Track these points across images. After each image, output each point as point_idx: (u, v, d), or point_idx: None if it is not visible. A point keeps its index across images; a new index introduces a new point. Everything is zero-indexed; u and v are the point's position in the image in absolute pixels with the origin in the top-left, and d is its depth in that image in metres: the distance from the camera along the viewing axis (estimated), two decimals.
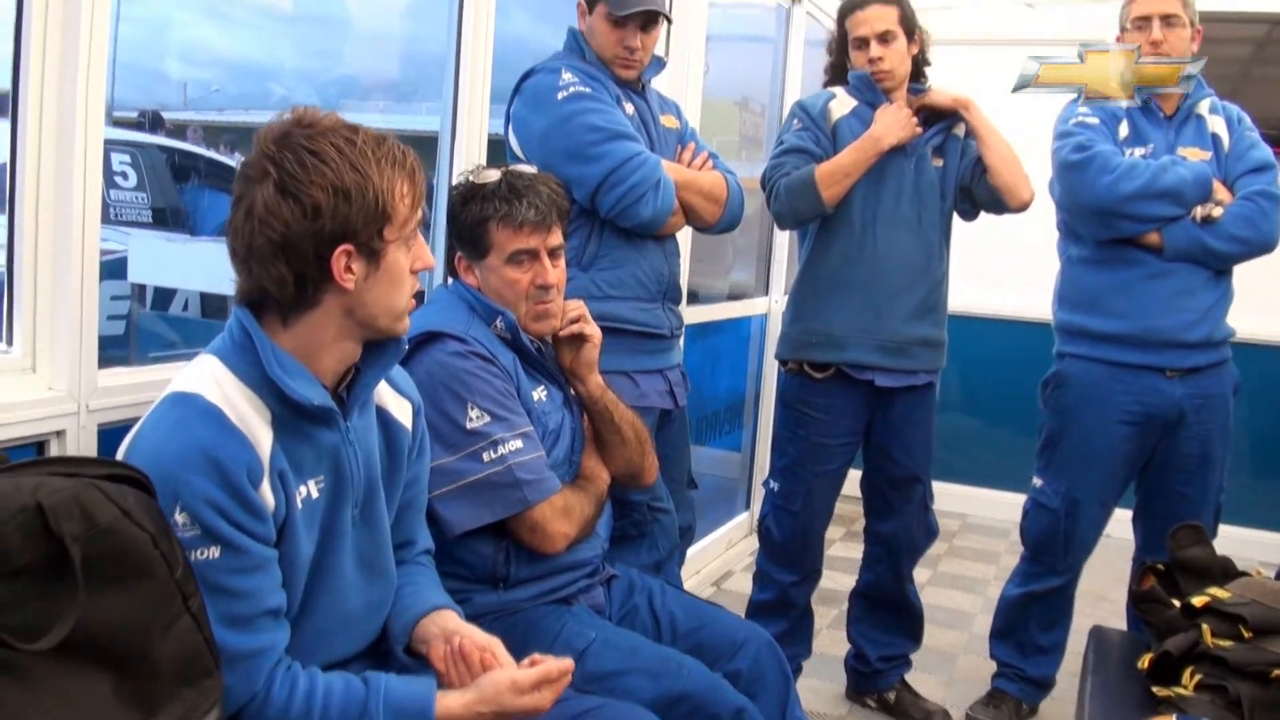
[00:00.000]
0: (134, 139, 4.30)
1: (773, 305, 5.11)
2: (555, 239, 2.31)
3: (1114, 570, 4.00)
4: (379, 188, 1.59)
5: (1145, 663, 2.37)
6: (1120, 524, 3.41)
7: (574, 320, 2.38)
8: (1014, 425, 5.07)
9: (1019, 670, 3.42)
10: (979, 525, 5.65)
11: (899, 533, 3.35)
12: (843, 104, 3.19)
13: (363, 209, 1.58)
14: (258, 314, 1.63)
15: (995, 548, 5.27)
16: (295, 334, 1.64)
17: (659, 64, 3.03)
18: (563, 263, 2.36)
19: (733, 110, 5.26)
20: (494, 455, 2.13)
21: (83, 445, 1.85)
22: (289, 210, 1.55)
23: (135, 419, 1.61)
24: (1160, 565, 2.64)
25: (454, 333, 2.21)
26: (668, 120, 3.00)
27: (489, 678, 1.68)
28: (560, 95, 2.73)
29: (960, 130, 3.22)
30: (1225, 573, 2.52)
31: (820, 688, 3.64)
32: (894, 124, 3.06)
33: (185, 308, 3.69)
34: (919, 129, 3.12)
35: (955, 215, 3.30)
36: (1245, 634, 2.24)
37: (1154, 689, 2.30)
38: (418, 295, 1.78)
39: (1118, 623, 3.33)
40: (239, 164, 1.63)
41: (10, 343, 1.83)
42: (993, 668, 3.50)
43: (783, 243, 5.11)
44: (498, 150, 2.96)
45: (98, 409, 1.87)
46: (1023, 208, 3.16)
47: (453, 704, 1.65)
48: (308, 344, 1.65)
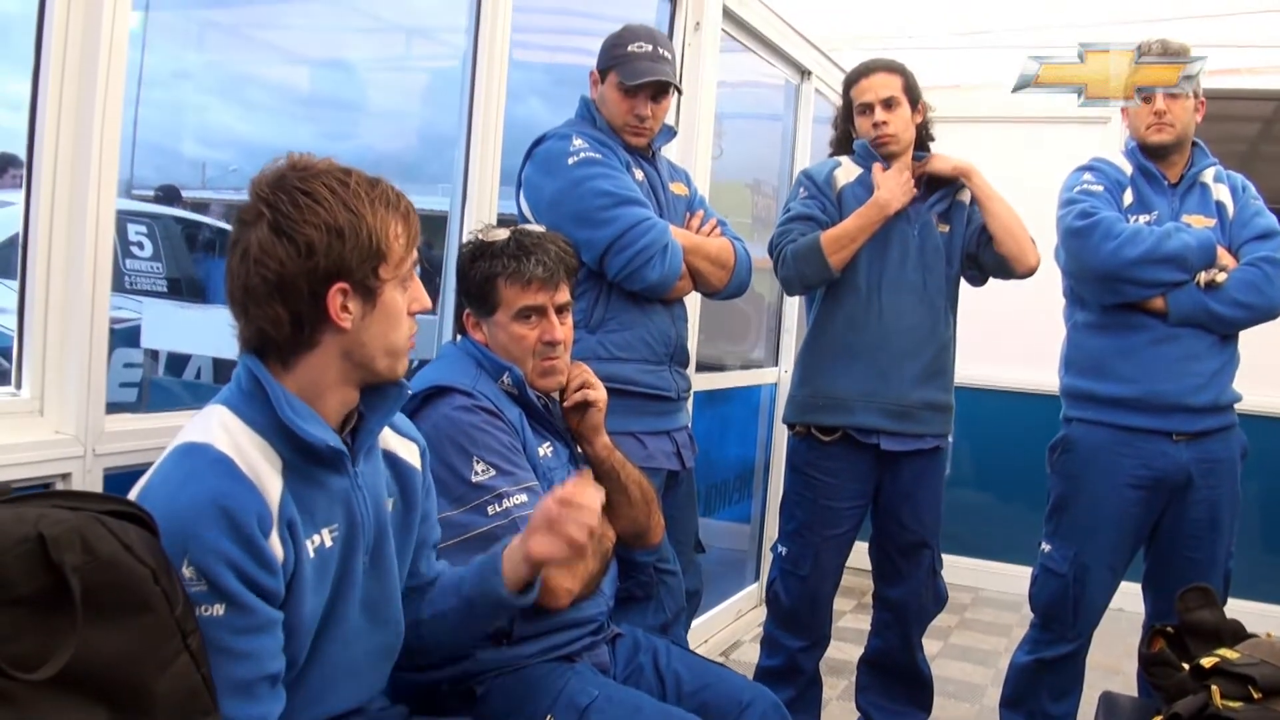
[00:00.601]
0: (150, 210, 4.35)
1: (782, 375, 5.11)
2: (563, 296, 2.33)
3: (1125, 643, 3.97)
4: (373, 226, 1.60)
5: None
6: (1131, 598, 3.38)
7: (578, 388, 2.40)
8: (1025, 498, 5.02)
9: None
10: (991, 598, 5.59)
11: (908, 599, 3.34)
12: (848, 172, 3.24)
13: (357, 247, 1.59)
14: (263, 360, 1.64)
15: (1007, 621, 5.22)
16: (297, 377, 1.64)
17: (669, 132, 3.07)
18: (570, 320, 2.38)
19: (744, 193, 5.31)
20: (499, 509, 2.13)
21: (88, 489, 1.86)
22: (283, 249, 1.56)
23: (142, 464, 1.62)
24: (1169, 628, 2.61)
25: (461, 387, 2.22)
26: (677, 187, 3.04)
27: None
28: (571, 160, 2.77)
29: (966, 196, 3.25)
30: (1235, 635, 2.50)
31: None
32: (896, 189, 3.10)
33: (198, 375, 3.72)
34: (914, 190, 3.15)
35: (964, 281, 3.33)
36: (1255, 695, 2.22)
37: None
38: (421, 361, 1.79)
39: (1130, 694, 3.29)
40: (235, 213, 1.65)
41: (19, 386, 1.85)
42: None
43: (791, 312, 5.14)
44: (504, 224, 3.00)
45: (104, 453, 1.88)
46: (1029, 273, 3.21)
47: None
48: (311, 387, 1.65)
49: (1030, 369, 5.20)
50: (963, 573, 5.35)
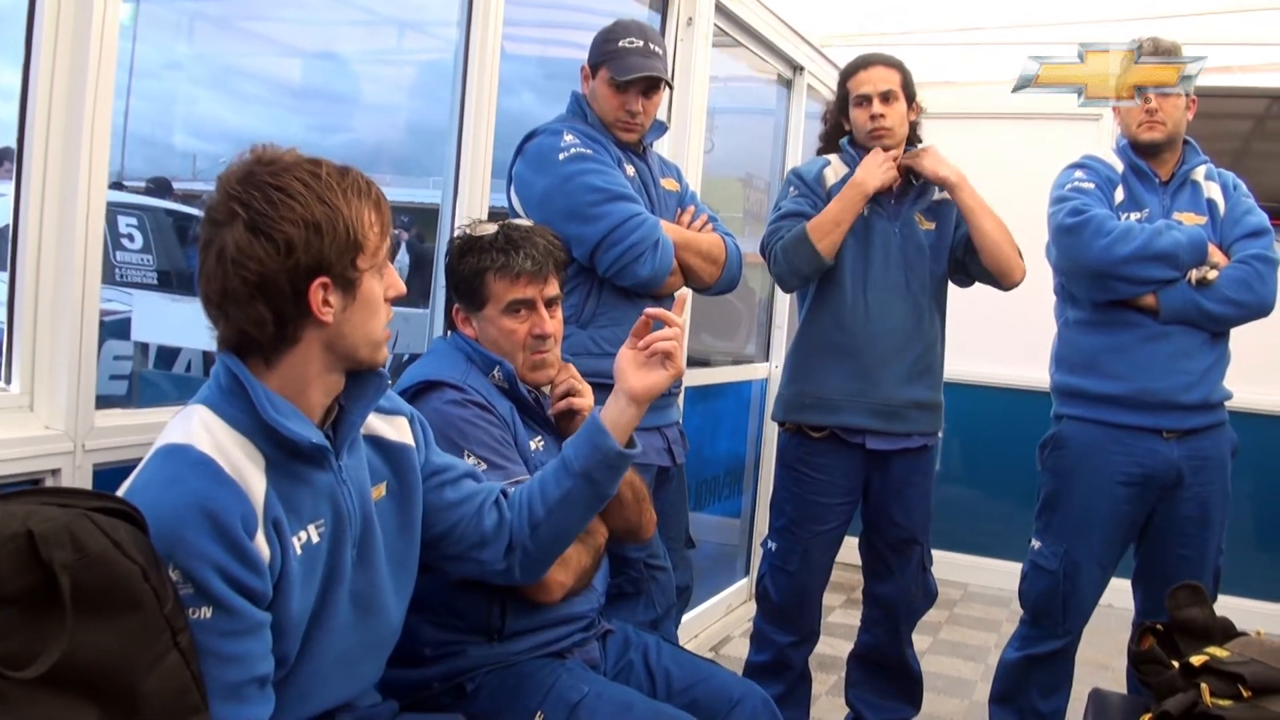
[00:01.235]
0: (141, 202, 4.32)
1: (773, 370, 5.12)
2: (552, 289, 2.33)
3: (1115, 640, 3.96)
4: (348, 218, 1.59)
5: None
6: (1121, 594, 3.39)
7: (562, 396, 2.39)
8: (1015, 494, 5.04)
9: None
10: (980, 594, 5.61)
11: (897, 594, 3.34)
12: (836, 171, 3.25)
13: (335, 240, 1.58)
14: (243, 359, 1.62)
15: (996, 616, 5.23)
16: (280, 374, 1.63)
17: (660, 128, 3.07)
18: (560, 313, 2.37)
19: (736, 187, 5.31)
20: None
21: (78, 485, 1.85)
22: (262, 249, 1.54)
23: (132, 460, 1.61)
24: (1159, 626, 2.62)
25: (452, 381, 2.22)
26: (668, 183, 3.04)
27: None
28: (561, 156, 2.76)
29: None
30: (1225, 633, 2.51)
31: None
32: (874, 168, 3.12)
33: (189, 368, 3.70)
34: (894, 171, 3.16)
35: (951, 282, 3.34)
36: (1245, 693, 2.22)
37: None
38: (411, 356, 1.78)
39: (1119, 691, 3.30)
40: (203, 210, 1.62)
41: (9, 381, 1.85)
42: None
43: (782, 308, 5.14)
44: (493, 219, 3.00)
45: (94, 449, 1.88)
46: (1013, 287, 3.24)
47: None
48: (294, 382, 1.64)
49: (1021, 365, 5.21)
50: (952, 568, 5.36)
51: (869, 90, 3.19)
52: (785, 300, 5.08)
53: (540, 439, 2.34)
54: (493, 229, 2.34)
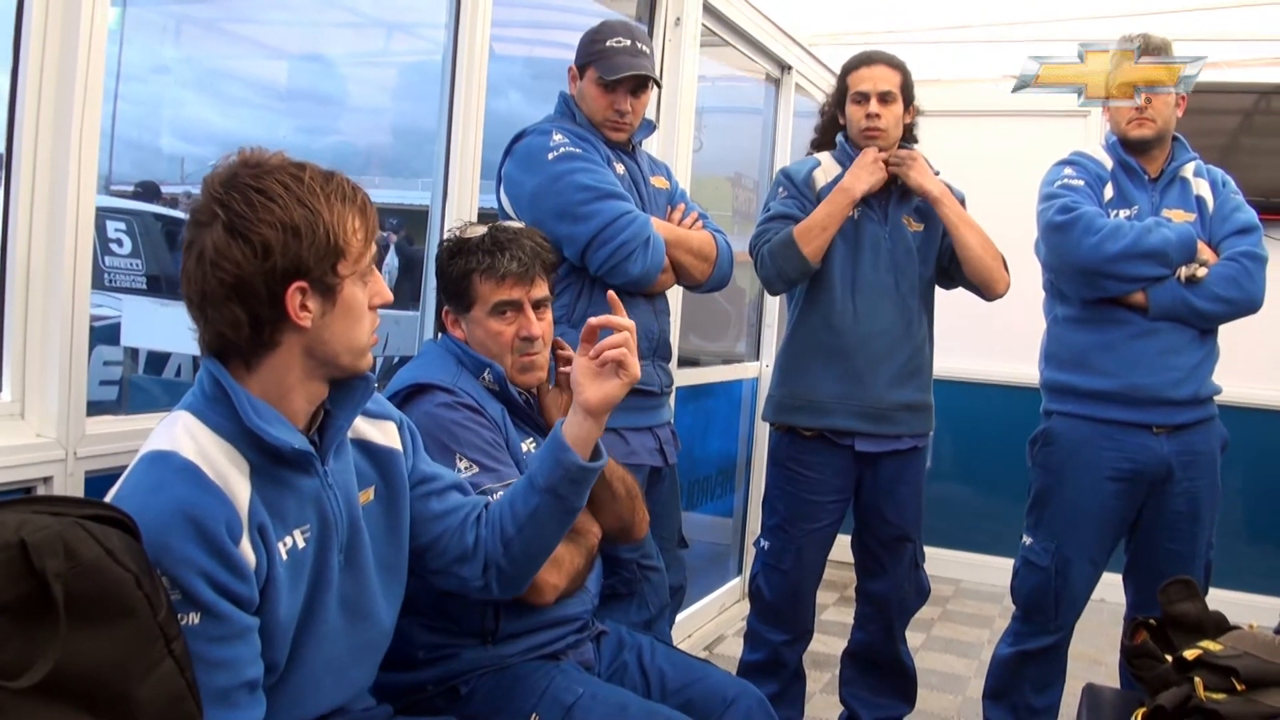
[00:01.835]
0: (129, 207, 4.32)
1: (764, 369, 5.12)
2: (540, 291, 2.32)
3: (1107, 634, 3.98)
4: (329, 223, 1.58)
5: (1138, 718, 2.34)
6: (1113, 588, 3.39)
7: (569, 360, 2.37)
8: (1007, 490, 5.04)
9: None
10: (972, 590, 5.61)
11: (890, 592, 3.35)
12: (827, 172, 3.24)
13: (314, 244, 1.57)
14: (224, 363, 1.62)
15: (989, 612, 5.24)
16: (261, 378, 1.62)
17: (649, 126, 3.07)
18: (549, 315, 2.37)
19: (725, 186, 5.31)
20: None
21: (70, 492, 1.85)
22: (239, 251, 1.53)
23: (123, 467, 1.60)
24: (1152, 620, 2.62)
25: (442, 384, 2.21)
26: (658, 181, 3.04)
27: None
28: (551, 156, 2.76)
29: None
30: (1217, 627, 2.51)
31: None
32: (861, 171, 3.11)
33: (178, 373, 3.70)
34: (884, 174, 3.15)
35: (937, 283, 3.35)
36: (1238, 686, 2.23)
37: None
38: (402, 358, 1.77)
39: (1113, 685, 3.30)
40: (190, 210, 1.62)
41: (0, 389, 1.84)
42: None
43: (773, 307, 5.14)
44: (484, 222, 3.00)
45: (85, 456, 1.87)
46: (996, 298, 3.26)
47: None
48: (275, 387, 1.63)
49: (1011, 362, 5.22)
50: (945, 565, 5.37)
51: (867, 89, 3.18)
52: (775, 299, 5.08)
53: (532, 440, 2.33)
54: (482, 231, 2.34)
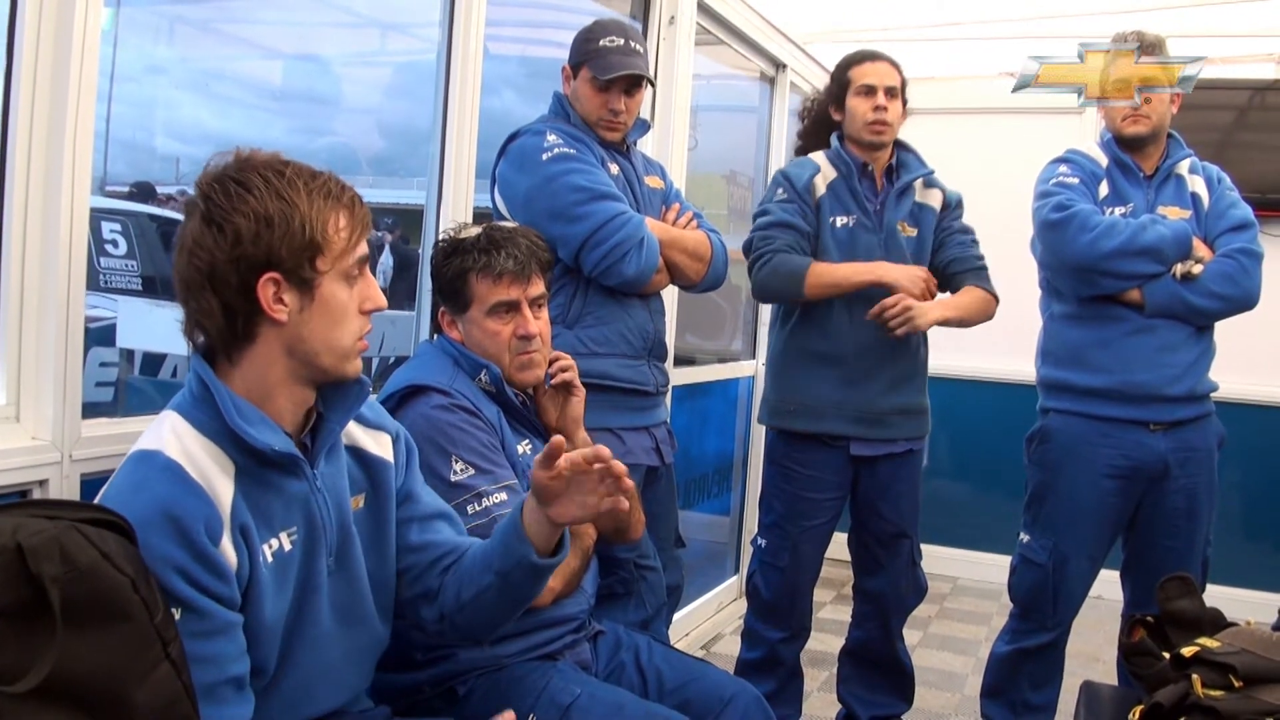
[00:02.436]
0: (124, 208, 4.31)
1: (759, 368, 5.11)
2: (536, 289, 2.32)
3: (1105, 631, 3.99)
4: (306, 215, 1.58)
5: (1136, 715, 2.34)
6: (1111, 585, 3.39)
7: (563, 369, 2.39)
8: (1004, 488, 5.05)
9: None
10: (970, 588, 5.62)
11: (887, 589, 3.35)
12: (825, 177, 3.23)
13: (287, 236, 1.57)
14: (211, 362, 1.63)
15: (986, 609, 5.25)
16: (244, 374, 1.62)
17: (643, 126, 3.07)
18: (546, 313, 2.37)
19: (720, 184, 5.31)
20: (478, 508, 2.13)
21: (66, 495, 1.85)
22: (212, 239, 1.55)
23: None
24: (1149, 618, 2.62)
25: (438, 386, 2.21)
26: (652, 181, 3.03)
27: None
28: (545, 156, 2.76)
29: (934, 200, 3.27)
30: (1215, 624, 2.51)
31: None
32: (906, 280, 3.12)
33: (174, 374, 3.69)
34: (930, 295, 3.18)
35: None
36: (1236, 683, 2.22)
37: None
38: (398, 359, 1.76)
39: (1110, 683, 3.30)
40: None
41: None
42: None
43: (767, 305, 5.13)
44: (479, 222, 2.99)
45: (81, 458, 1.87)
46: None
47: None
48: (259, 385, 1.63)
49: (1007, 359, 5.21)
50: (942, 562, 5.39)
51: (875, 82, 3.18)
52: None
53: (528, 442, 2.33)
54: (477, 231, 2.34)
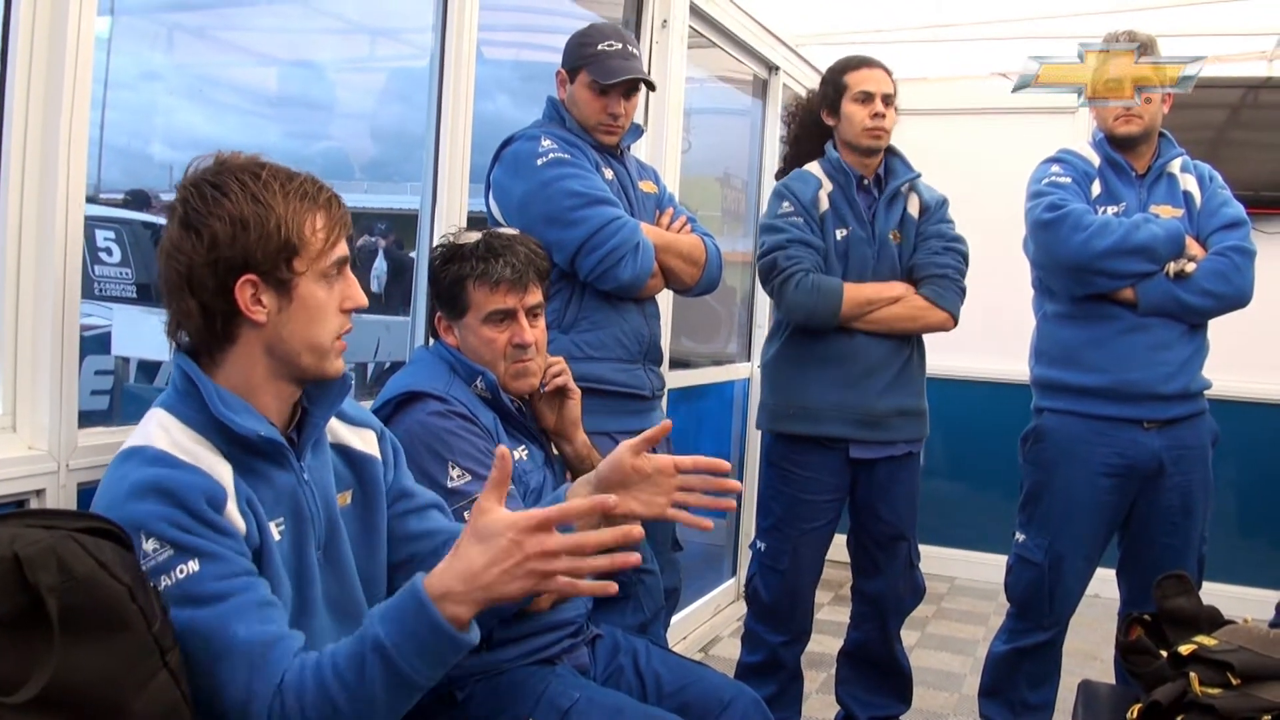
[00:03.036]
0: (118, 215, 4.32)
1: (755, 370, 5.11)
2: (533, 298, 2.32)
3: (1102, 630, 3.98)
4: (282, 217, 1.60)
5: (1134, 713, 2.35)
6: (1108, 583, 3.40)
7: (556, 375, 2.40)
8: (1000, 487, 5.05)
9: None
10: (967, 587, 5.63)
11: (886, 591, 3.35)
12: (826, 191, 3.23)
13: (263, 238, 1.59)
14: (196, 362, 1.65)
15: (984, 609, 5.25)
16: (228, 373, 1.65)
17: (637, 130, 3.07)
18: (542, 322, 2.37)
19: (714, 186, 5.31)
20: None
21: (62, 504, 1.84)
22: (190, 242, 1.58)
23: None
24: (1146, 616, 2.62)
25: (434, 392, 2.21)
26: (646, 185, 3.04)
27: (484, 522, 1.47)
28: (539, 161, 2.76)
29: (914, 207, 3.27)
30: (1212, 621, 2.51)
31: None
32: None
33: (169, 381, 3.69)
34: None
35: None
36: (1234, 681, 2.22)
37: None
38: (394, 364, 1.76)
39: (1108, 681, 3.31)
40: None
41: None
42: None
43: (763, 307, 5.14)
44: (477, 227, 2.99)
45: (77, 468, 1.87)
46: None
47: (441, 571, 1.47)
48: (243, 383, 1.65)
49: (1001, 359, 5.22)
50: (939, 562, 5.38)
51: (873, 89, 3.18)
52: (765, 300, 5.07)
53: (524, 448, 2.33)
54: (476, 237, 2.33)
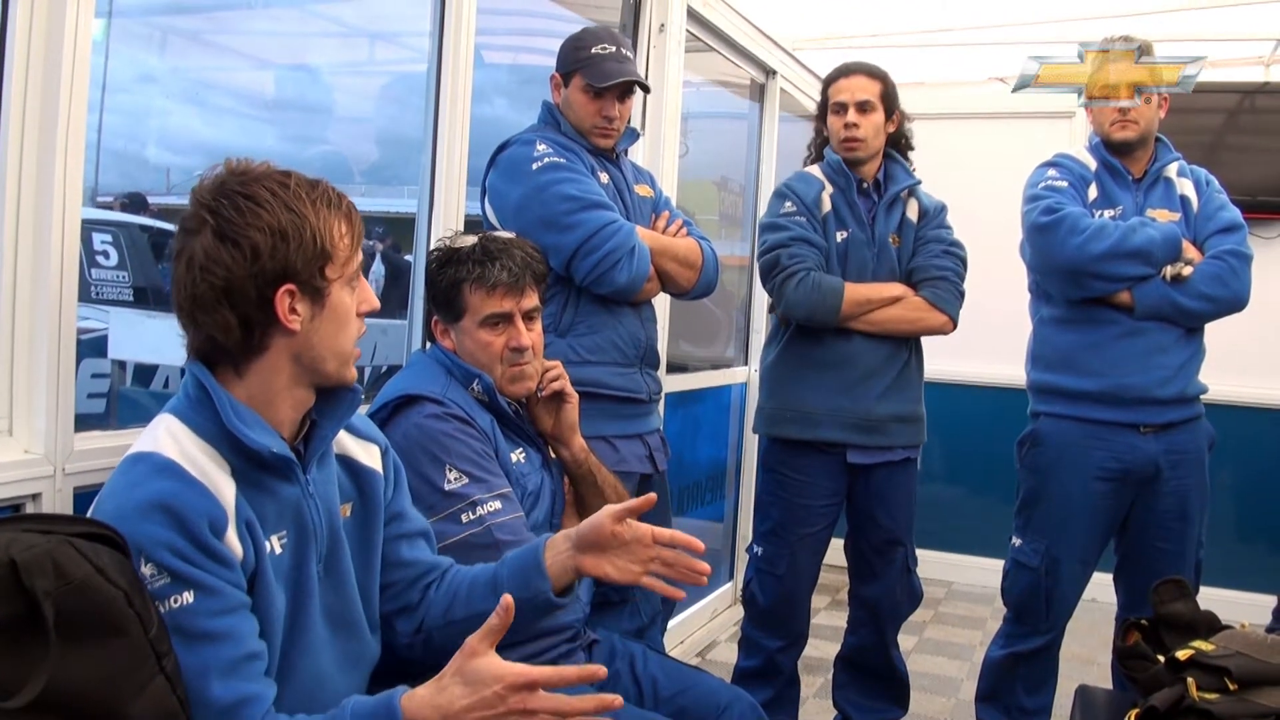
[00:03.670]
0: (115, 219, 4.31)
1: (752, 374, 5.12)
2: (530, 302, 2.32)
3: (1100, 634, 3.98)
4: (316, 227, 1.61)
5: (1131, 719, 2.34)
6: (1105, 588, 3.39)
7: (553, 379, 2.39)
8: (997, 492, 5.05)
9: None
10: (964, 592, 5.63)
11: (883, 596, 3.35)
12: (828, 192, 3.23)
13: (301, 248, 1.59)
14: (211, 368, 1.64)
15: (980, 614, 5.25)
16: (249, 383, 1.64)
17: (633, 135, 3.07)
18: (539, 325, 2.37)
19: (711, 190, 5.31)
20: (473, 516, 2.12)
21: (59, 508, 1.84)
22: (229, 255, 1.56)
23: None
24: (1144, 621, 2.62)
25: (431, 395, 2.21)
26: (642, 189, 3.04)
27: (473, 665, 1.51)
28: (535, 166, 2.76)
29: (913, 212, 3.27)
30: (1209, 626, 2.51)
31: None
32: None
33: (166, 384, 3.68)
34: None
35: None
36: (1231, 686, 2.22)
37: None
38: (390, 368, 1.77)
39: (1105, 686, 3.30)
40: (179, 220, 1.65)
41: None
42: None
43: (760, 312, 5.14)
44: (473, 231, 2.99)
45: (74, 472, 1.87)
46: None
47: (422, 698, 1.51)
48: (262, 392, 1.65)
49: (998, 364, 5.22)
50: (936, 567, 5.39)
51: (845, 99, 3.20)
52: (761, 303, 5.08)
53: (521, 451, 2.33)
54: (472, 240, 2.33)
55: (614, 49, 2.85)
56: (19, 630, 1.26)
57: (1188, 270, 3.06)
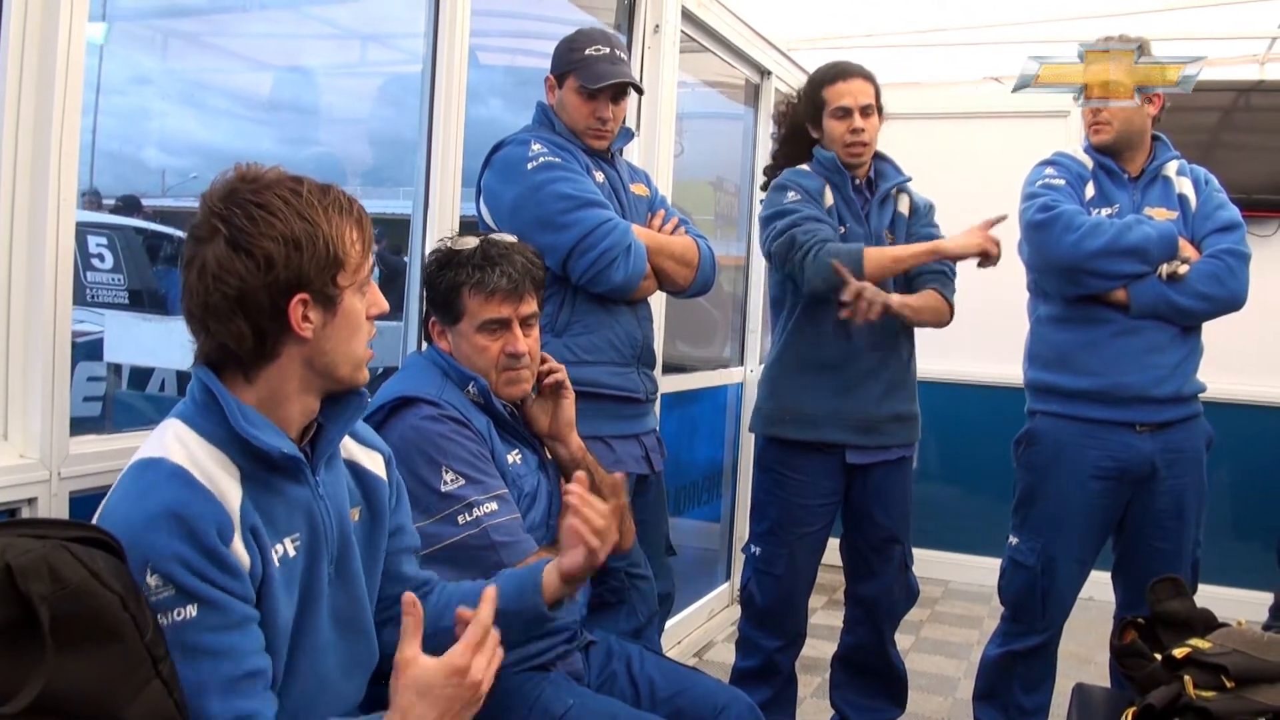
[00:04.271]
0: (111, 221, 4.31)
1: (748, 374, 5.12)
2: (528, 308, 2.32)
3: (1097, 633, 3.98)
4: (328, 235, 1.61)
5: (1128, 717, 2.34)
6: (1102, 587, 3.40)
7: (552, 371, 2.40)
8: (994, 490, 5.05)
9: None
10: (961, 591, 5.63)
11: (880, 594, 3.35)
12: (830, 191, 3.23)
13: (314, 256, 1.59)
14: (219, 373, 1.64)
15: (978, 613, 5.25)
16: (258, 388, 1.64)
17: (628, 134, 3.07)
18: (536, 331, 2.37)
19: (707, 190, 5.31)
20: (469, 518, 2.13)
21: (54, 512, 1.84)
22: (242, 264, 1.56)
23: (107, 486, 1.60)
24: (1140, 619, 2.62)
25: (427, 397, 2.21)
26: (638, 188, 3.04)
27: (415, 674, 1.53)
28: (530, 165, 2.76)
29: (904, 206, 3.27)
30: (1206, 625, 2.51)
31: None
32: (969, 243, 3.14)
33: (162, 387, 3.68)
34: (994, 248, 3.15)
35: None
36: (1228, 684, 2.23)
37: None
38: (386, 369, 1.77)
39: (1103, 684, 3.31)
40: (188, 227, 1.65)
41: None
42: None
43: (756, 311, 5.15)
44: (468, 232, 2.98)
45: (69, 476, 1.87)
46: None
47: None
48: (271, 396, 1.65)
49: (995, 363, 5.22)
50: (933, 566, 5.38)
51: (850, 103, 3.18)
52: (758, 302, 5.08)
53: (518, 452, 2.33)
54: (473, 244, 2.33)
55: (608, 50, 2.85)
56: (15, 635, 1.25)
57: (1184, 269, 3.05)
